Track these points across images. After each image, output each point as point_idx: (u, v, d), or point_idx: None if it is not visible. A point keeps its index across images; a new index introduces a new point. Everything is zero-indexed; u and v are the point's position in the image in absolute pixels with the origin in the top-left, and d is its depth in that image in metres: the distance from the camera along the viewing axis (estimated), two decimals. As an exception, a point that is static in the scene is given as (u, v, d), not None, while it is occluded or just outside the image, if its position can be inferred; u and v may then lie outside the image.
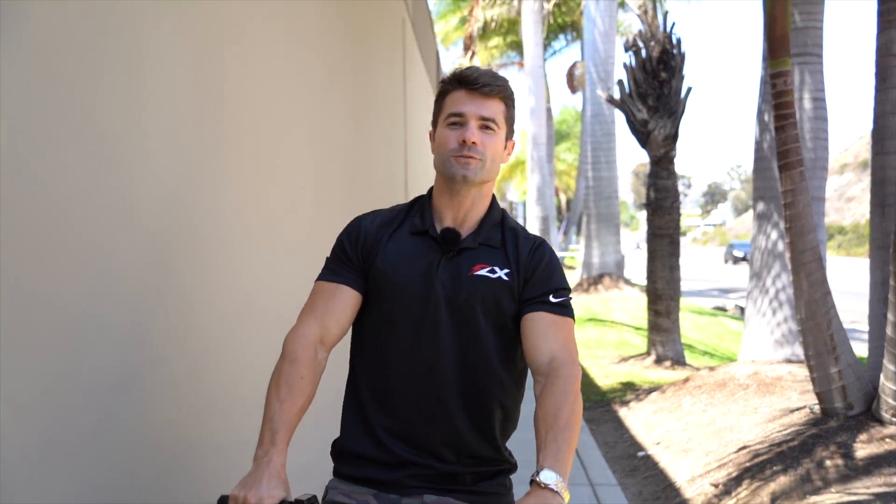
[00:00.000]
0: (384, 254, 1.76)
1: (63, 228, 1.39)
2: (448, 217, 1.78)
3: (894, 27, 4.81)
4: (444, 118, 1.76)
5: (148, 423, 1.87)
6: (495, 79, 1.75)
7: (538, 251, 1.78)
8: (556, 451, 1.47)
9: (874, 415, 4.46)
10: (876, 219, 4.84)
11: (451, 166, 1.72)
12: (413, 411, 1.72)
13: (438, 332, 1.71)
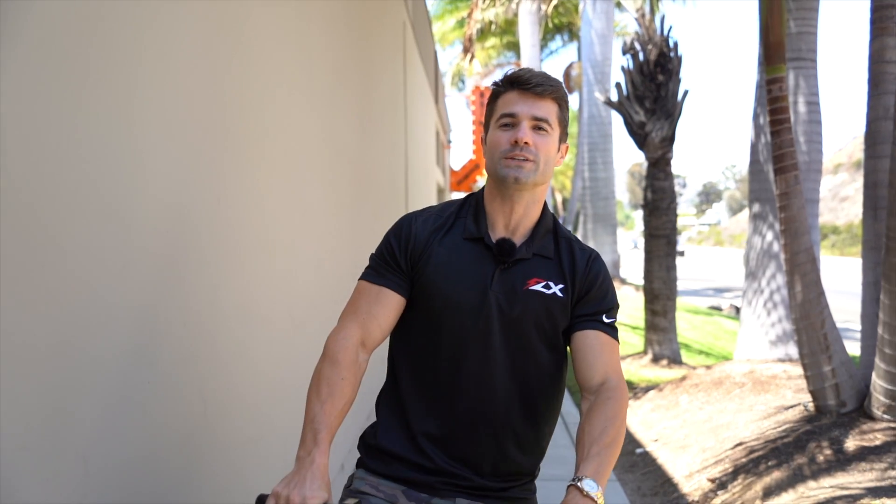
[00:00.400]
0: (436, 260, 1.71)
1: (71, 226, 1.39)
2: (500, 222, 1.74)
3: (887, 34, 4.93)
4: (496, 120, 1.72)
5: (166, 421, 1.95)
6: (548, 79, 1.71)
7: (594, 265, 1.76)
8: (599, 465, 1.50)
9: (866, 412, 4.58)
10: (868, 221, 4.97)
11: (502, 168, 1.67)
12: (458, 423, 1.70)
13: (490, 346, 1.68)
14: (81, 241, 1.45)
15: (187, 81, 1.98)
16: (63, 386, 1.41)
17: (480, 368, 1.69)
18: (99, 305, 1.53)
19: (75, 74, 1.41)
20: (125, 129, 1.61)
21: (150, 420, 1.78)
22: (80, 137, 1.43)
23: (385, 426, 1.76)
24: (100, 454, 1.53)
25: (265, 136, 2.83)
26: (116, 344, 1.62)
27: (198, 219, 2.09)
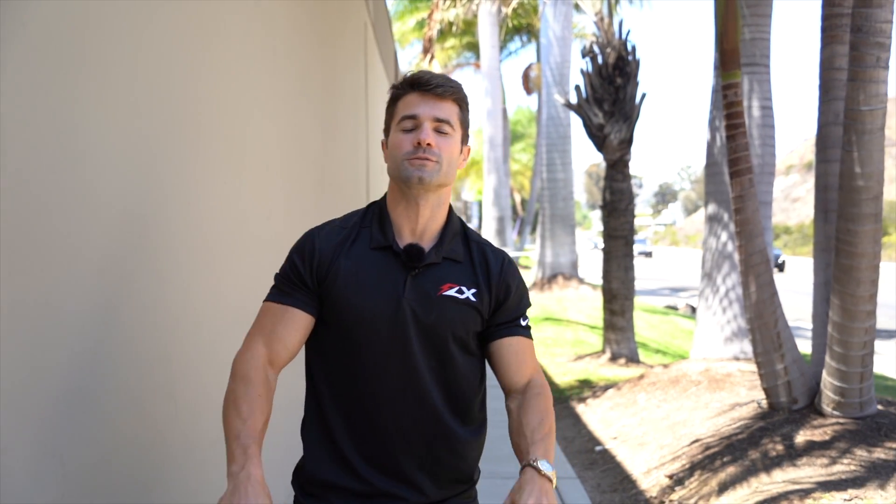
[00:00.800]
0: (344, 274, 1.67)
1: (38, 228, 1.39)
2: (406, 228, 1.70)
3: (836, 42, 5.08)
4: (396, 122, 1.69)
5: (128, 421, 1.96)
6: (448, 81, 1.70)
7: (508, 270, 1.75)
8: (546, 449, 1.57)
9: (817, 408, 4.73)
10: (820, 223, 5.12)
11: (405, 169, 1.64)
12: (388, 439, 1.67)
13: (409, 355, 1.66)
14: (50, 242, 1.45)
15: (155, 83, 1.98)
16: (37, 387, 1.41)
17: (402, 379, 1.66)
18: (70, 306, 1.54)
19: (42, 76, 1.42)
20: (94, 131, 1.61)
21: (122, 421, 1.79)
22: (48, 140, 1.44)
23: (313, 455, 1.71)
24: (76, 455, 1.54)
25: (233, 137, 2.84)
26: (88, 345, 1.62)
27: (168, 220, 2.10)
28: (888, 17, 4.25)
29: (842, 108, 5.02)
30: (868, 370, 4.52)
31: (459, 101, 1.70)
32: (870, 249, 4.35)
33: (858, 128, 4.29)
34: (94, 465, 1.62)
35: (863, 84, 4.27)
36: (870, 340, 4.49)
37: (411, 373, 1.67)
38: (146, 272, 1.95)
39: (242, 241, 3.01)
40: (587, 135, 9.18)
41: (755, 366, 6.60)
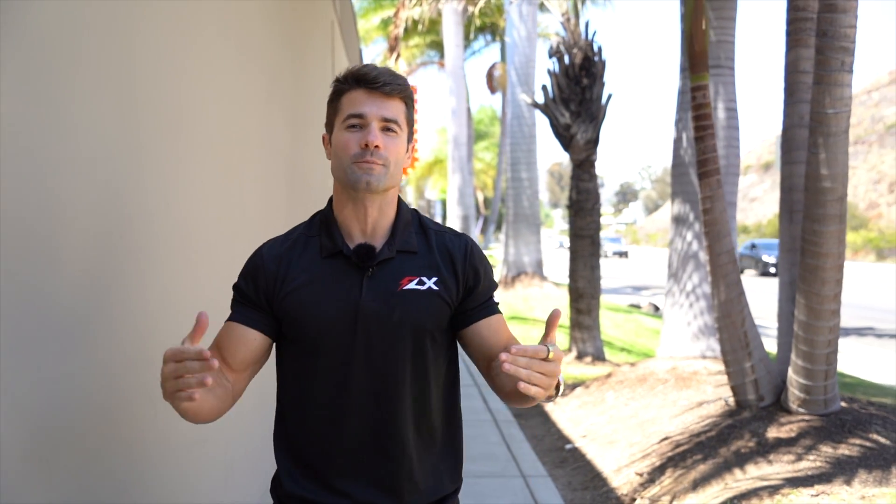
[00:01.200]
0: (297, 286, 1.61)
1: (16, 229, 1.36)
2: (355, 229, 1.64)
3: (801, 46, 5.18)
4: (341, 120, 1.61)
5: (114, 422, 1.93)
6: (395, 77, 1.61)
7: (473, 253, 1.69)
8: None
9: (782, 405, 4.81)
10: (785, 224, 5.21)
11: (352, 174, 1.57)
12: (364, 448, 1.61)
13: (375, 359, 1.60)
14: (31, 245, 1.42)
15: (136, 84, 1.95)
16: (19, 390, 1.38)
17: (371, 385, 1.60)
18: (52, 307, 1.51)
19: (21, 77, 1.39)
20: (66, 132, 1.58)
21: (103, 422, 1.76)
22: (22, 143, 1.41)
23: (287, 472, 1.66)
24: (59, 457, 1.51)
25: (211, 136, 2.81)
26: (69, 350, 1.60)
27: (149, 220, 2.07)
28: (852, 22, 4.34)
29: (806, 111, 5.12)
30: (832, 368, 4.61)
31: (406, 99, 1.64)
32: (835, 250, 4.43)
33: (824, 130, 4.37)
34: (77, 468, 1.60)
35: (828, 87, 4.35)
36: (834, 339, 4.58)
37: (379, 378, 1.60)
38: (127, 273, 1.92)
39: (220, 240, 2.98)
40: (554, 134, 9.23)
41: (721, 364, 6.71)
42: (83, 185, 1.64)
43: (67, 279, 1.58)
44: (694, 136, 5.10)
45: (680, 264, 7.24)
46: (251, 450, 3.68)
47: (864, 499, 3.71)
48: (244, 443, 3.53)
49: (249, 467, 3.64)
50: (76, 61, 1.60)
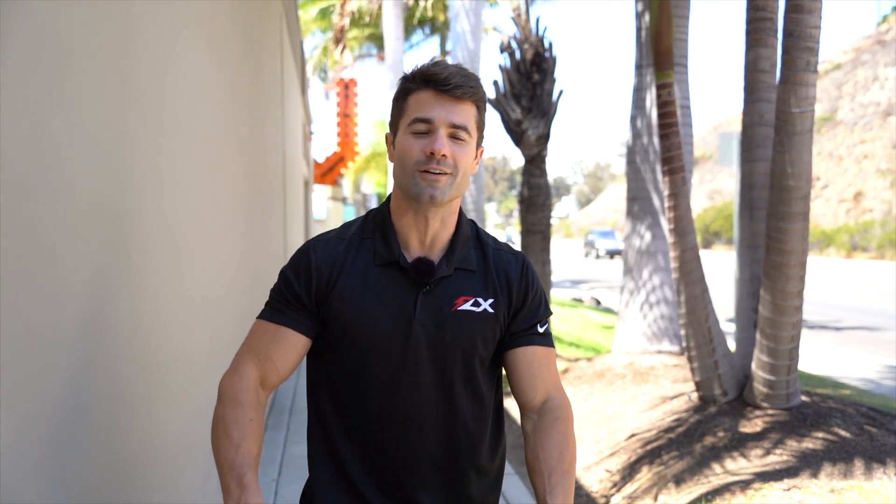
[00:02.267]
0: (350, 293, 1.53)
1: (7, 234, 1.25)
2: (413, 239, 1.56)
3: (760, 45, 5.25)
4: (406, 123, 1.52)
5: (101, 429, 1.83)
6: (467, 78, 1.51)
7: (528, 272, 1.63)
8: (565, 496, 1.47)
9: (745, 400, 4.88)
10: (745, 221, 5.28)
11: (415, 185, 1.49)
12: (403, 467, 1.57)
13: (422, 379, 1.54)
14: (21, 251, 1.30)
15: (119, 88, 1.84)
16: (17, 403, 1.27)
17: (415, 405, 1.54)
18: (42, 315, 1.40)
19: (16, 79, 1.29)
20: (62, 133, 1.46)
21: (94, 432, 1.67)
22: (19, 142, 1.29)
23: (322, 484, 1.59)
24: (54, 469, 1.41)
25: (189, 135, 2.69)
26: (64, 361, 1.51)
27: (133, 229, 1.95)
28: (817, 22, 4.41)
29: (766, 109, 5.21)
30: (795, 363, 4.70)
31: (478, 102, 1.54)
32: (799, 247, 4.51)
33: (789, 129, 4.44)
34: (67, 479, 1.49)
35: (794, 87, 4.41)
36: (797, 334, 4.66)
37: (425, 398, 1.54)
38: (116, 275, 1.82)
39: (200, 238, 2.89)
40: (505, 130, 9.21)
41: (677, 359, 6.80)
42: (72, 192, 1.53)
43: (62, 286, 1.48)
44: (659, 133, 5.13)
45: (637, 262, 7.31)
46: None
47: (833, 492, 3.78)
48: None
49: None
50: (67, 64, 1.49)
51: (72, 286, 1.49)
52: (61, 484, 1.42)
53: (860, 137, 47.58)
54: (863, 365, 9.71)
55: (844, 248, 39.32)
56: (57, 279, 1.41)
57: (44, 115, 1.33)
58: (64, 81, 1.43)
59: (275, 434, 5.61)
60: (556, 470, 1.49)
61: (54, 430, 1.39)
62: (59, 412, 1.42)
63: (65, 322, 1.44)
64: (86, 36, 1.57)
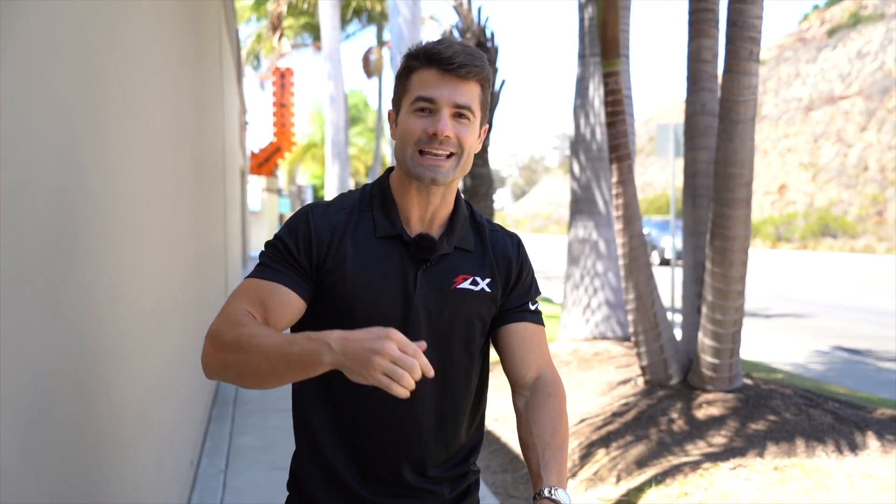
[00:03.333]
0: (350, 265, 1.49)
1: None
2: (414, 215, 1.54)
3: (702, 36, 5.35)
4: (409, 101, 1.49)
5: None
6: (472, 57, 1.47)
7: (522, 253, 1.65)
8: (560, 472, 1.45)
9: (690, 383, 4.99)
10: (689, 208, 5.38)
11: (416, 166, 1.47)
12: (393, 453, 1.54)
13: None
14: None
15: (69, 79, 1.78)
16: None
17: (421, 388, 1.47)
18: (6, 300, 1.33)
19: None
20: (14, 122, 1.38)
21: (58, 413, 1.62)
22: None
23: (307, 471, 1.57)
24: (21, 456, 1.34)
25: (138, 124, 2.61)
26: (24, 337, 1.42)
27: (86, 213, 1.87)
28: (759, 13, 4.52)
29: (708, 99, 5.31)
30: (737, 346, 4.82)
31: (483, 81, 1.50)
32: (742, 232, 4.62)
33: (733, 117, 4.54)
34: (33, 461, 1.43)
35: (737, 76, 4.51)
36: (739, 318, 4.78)
37: (426, 383, 1.48)
38: (75, 270, 1.76)
39: (151, 225, 2.80)
40: (447, 120, 9.22)
41: (621, 344, 6.91)
42: (28, 179, 1.48)
43: (23, 270, 1.40)
44: (606, 121, 5.19)
45: (580, 251, 7.39)
46: (177, 446, 3.52)
47: (776, 469, 3.90)
48: (171, 441, 3.36)
49: (175, 462, 3.49)
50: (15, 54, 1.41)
51: (27, 269, 1.42)
52: (31, 467, 1.36)
53: (784, 132, 49.15)
54: (792, 350, 10.04)
55: (770, 238, 40.61)
56: (12, 261, 1.34)
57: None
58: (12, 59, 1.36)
59: (220, 426, 5.50)
60: (549, 445, 1.47)
61: (24, 414, 1.33)
62: (27, 398, 1.36)
63: (26, 306, 1.38)
64: (31, 13, 1.49)
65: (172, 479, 3.37)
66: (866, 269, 25.24)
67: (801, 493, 3.59)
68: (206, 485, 4.33)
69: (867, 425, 4.44)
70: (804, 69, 53.48)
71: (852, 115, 44.83)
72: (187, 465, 4.05)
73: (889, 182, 38.95)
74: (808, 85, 51.78)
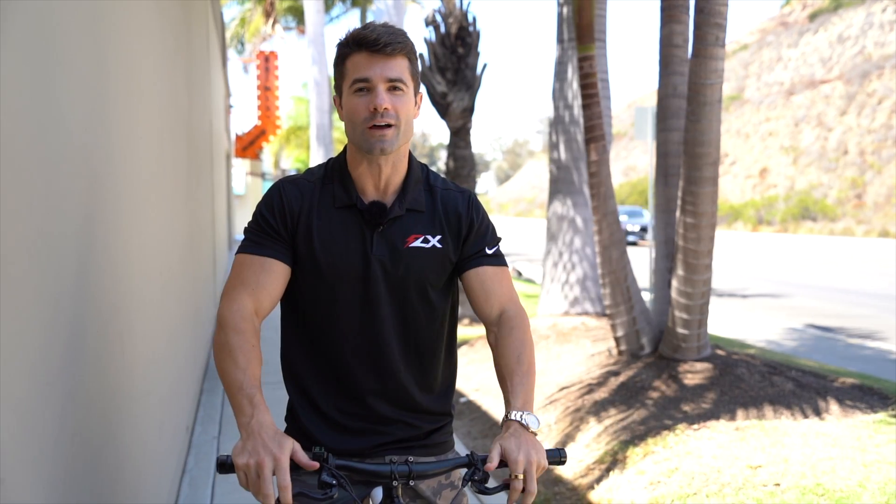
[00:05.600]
0: (316, 233, 1.70)
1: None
2: (369, 185, 1.72)
3: (674, 21, 5.58)
4: (349, 84, 1.65)
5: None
6: (395, 35, 1.64)
7: (473, 206, 1.80)
8: (526, 396, 1.62)
9: (661, 353, 5.25)
10: (660, 187, 5.63)
11: (365, 141, 1.64)
12: (365, 389, 1.73)
13: (379, 309, 1.72)
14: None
15: (74, 71, 1.95)
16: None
17: (375, 330, 1.72)
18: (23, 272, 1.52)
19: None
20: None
21: (76, 376, 1.80)
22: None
23: (298, 411, 1.77)
24: (47, 404, 1.55)
25: (128, 94, 2.80)
26: (55, 303, 1.61)
27: (103, 185, 2.08)
28: (725, 0, 4.75)
29: (679, 82, 5.54)
30: (705, 318, 5.08)
31: (409, 54, 1.66)
32: (709, 209, 4.87)
33: (700, 100, 4.78)
34: (63, 394, 1.63)
35: (704, 60, 4.75)
36: (707, 291, 5.04)
37: (384, 324, 1.72)
38: (96, 226, 1.94)
39: (153, 206, 2.98)
40: (430, 102, 9.41)
41: (597, 318, 7.17)
42: (40, 154, 1.64)
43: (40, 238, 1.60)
44: (581, 103, 5.41)
45: (558, 228, 7.64)
46: (175, 411, 3.72)
47: (738, 430, 4.17)
48: (171, 405, 3.56)
49: (174, 427, 3.69)
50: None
51: (62, 233, 1.63)
52: (62, 400, 1.58)
53: (765, 116, 49.57)
54: (767, 328, 10.35)
55: (751, 221, 41.08)
56: (48, 228, 1.55)
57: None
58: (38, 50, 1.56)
59: (211, 397, 5.72)
60: (516, 372, 1.66)
61: (57, 355, 1.54)
62: (59, 342, 1.57)
63: (53, 269, 1.59)
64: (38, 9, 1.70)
65: (172, 442, 3.59)
66: (844, 251, 25.69)
67: (758, 450, 3.86)
68: (200, 450, 4.56)
69: (827, 392, 4.72)
70: (786, 53, 53.86)
71: (833, 100, 45.30)
72: (184, 430, 4.28)
73: (868, 165, 39.47)
74: (789, 69, 52.18)
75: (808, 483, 3.47)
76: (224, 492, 3.89)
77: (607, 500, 3.77)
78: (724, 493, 3.51)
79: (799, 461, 3.69)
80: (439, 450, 1.85)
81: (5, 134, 1.22)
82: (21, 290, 1.29)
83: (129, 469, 2.32)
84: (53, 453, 1.46)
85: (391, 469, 1.52)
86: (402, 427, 1.78)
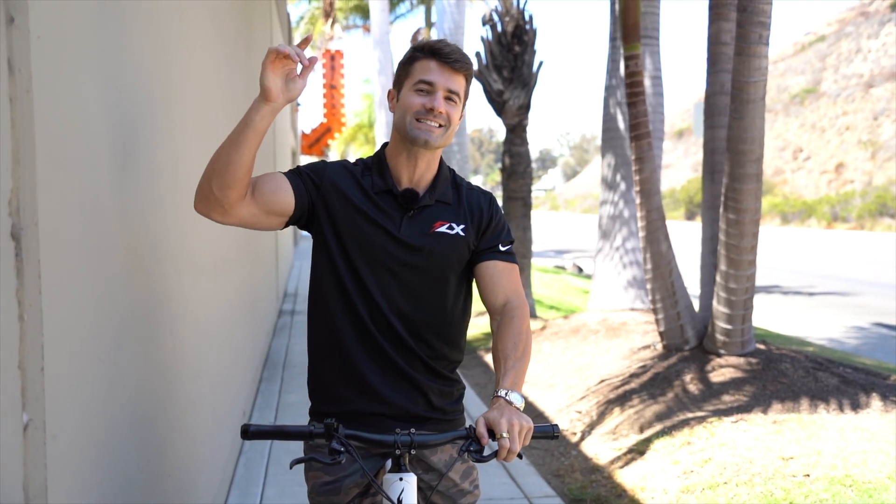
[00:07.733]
0: (351, 203, 1.89)
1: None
2: (405, 176, 1.93)
3: (722, 20, 5.61)
4: (412, 83, 1.89)
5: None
6: (463, 56, 1.90)
7: (492, 206, 2.02)
8: (516, 377, 1.78)
9: (705, 348, 5.31)
10: (707, 183, 5.67)
11: (413, 129, 1.86)
12: (388, 357, 1.91)
13: (403, 282, 1.90)
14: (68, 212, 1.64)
15: (126, 56, 2.17)
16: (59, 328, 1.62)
17: (401, 305, 1.90)
18: (79, 264, 1.74)
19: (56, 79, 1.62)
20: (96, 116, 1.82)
21: (125, 358, 2.01)
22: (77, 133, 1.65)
23: (317, 374, 1.96)
24: (98, 382, 1.77)
25: (199, 108, 3.03)
26: (110, 288, 1.84)
27: (159, 180, 2.31)
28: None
29: (727, 80, 5.57)
30: (749, 313, 5.12)
31: (468, 76, 1.93)
32: (752, 206, 4.91)
33: (744, 97, 4.82)
34: (114, 380, 1.85)
35: (747, 59, 4.79)
36: (751, 286, 5.08)
37: (408, 301, 1.91)
38: (149, 233, 2.16)
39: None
40: (487, 100, 9.55)
41: (647, 314, 7.23)
42: (102, 156, 1.86)
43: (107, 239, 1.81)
44: (627, 101, 5.50)
45: (610, 226, 7.71)
46: (230, 396, 3.97)
47: (775, 423, 4.22)
48: (224, 389, 3.81)
49: (228, 409, 3.94)
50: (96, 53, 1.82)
51: (115, 226, 1.85)
52: (114, 383, 1.80)
53: (843, 109, 48.10)
54: (830, 326, 10.19)
55: (825, 218, 39.95)
56: (107, 219, 1.78)
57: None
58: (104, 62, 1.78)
59: (270, 385, 6.01)
60: (510, 357, 1.82)
61: (109, 341, 1.77)
62: (112, 329, 1.80)
63: (112, 260, 1.82)
64: (114, 14, 1.92)
65: (227, 423, 3.84)
66: (921, 248, 24.84)
67: (792, 442, 3.91)
68: (256, 433, 4.82)
69: (874, 388, 4.72)
70: (865, 44, 52.13)
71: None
72: (240, 414, 4.54)
73: (951, 160, 37.92)
74: (868, 61, 50.51)
75: (838, 474, 3.52)
76: (277, 472, 4.14)
77: (640, 487, 3.88)
78: (753, 482, 3.59)
79: (832, 453, 3.74)
80: (450, 427, 2.00)
81: (82, 138, 1.44)
82: (75, 276, 1.51)
83: (180, 441, 2.56)
84: (102, 418, 1.68)
85: (395, 439, 1.69)
86: (411, 402, 1.94)
